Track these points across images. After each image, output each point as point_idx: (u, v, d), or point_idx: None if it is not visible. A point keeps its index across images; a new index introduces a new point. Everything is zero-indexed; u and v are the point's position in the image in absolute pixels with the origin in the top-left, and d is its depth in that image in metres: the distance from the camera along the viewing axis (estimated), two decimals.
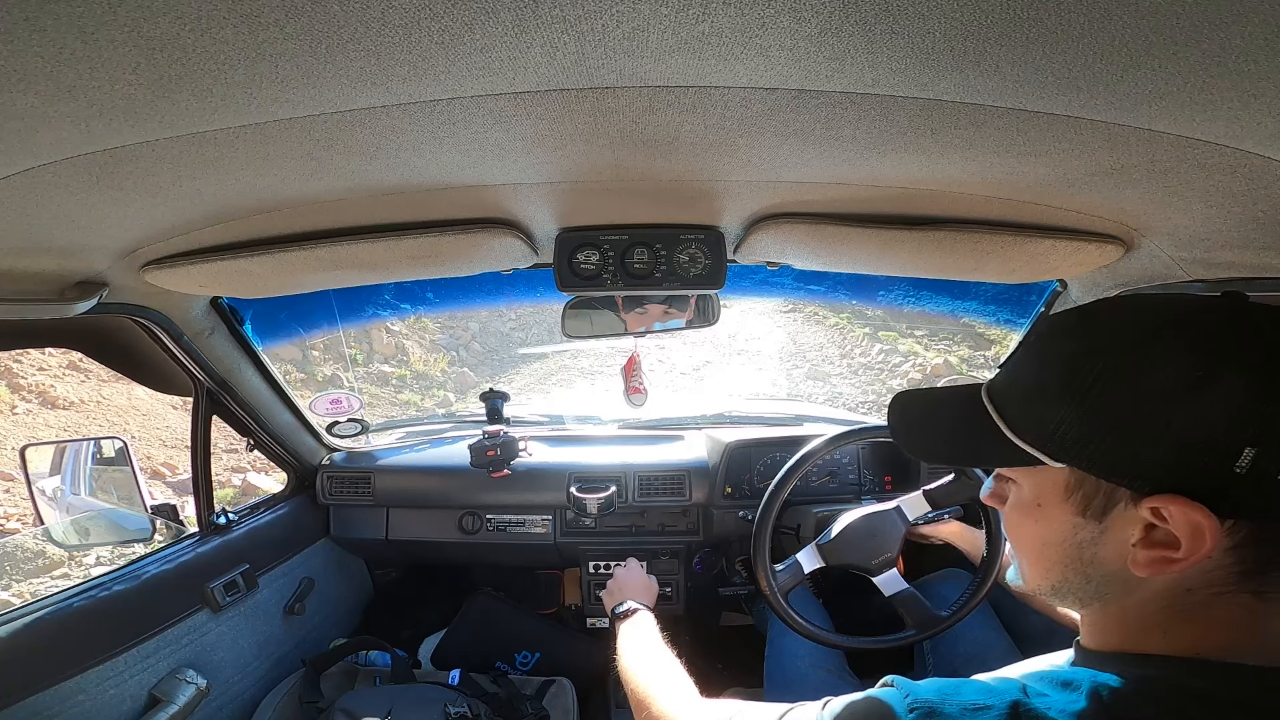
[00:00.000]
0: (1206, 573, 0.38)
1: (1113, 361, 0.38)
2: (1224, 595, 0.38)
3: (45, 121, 0.43)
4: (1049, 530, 0.44)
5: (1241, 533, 0.37)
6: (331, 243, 0.83)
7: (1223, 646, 0.38)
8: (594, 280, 0.97)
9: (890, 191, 0.72)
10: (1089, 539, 0.42)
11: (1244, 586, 0.38)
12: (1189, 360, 0.36)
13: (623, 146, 0.59)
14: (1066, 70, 0.39)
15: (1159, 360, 0.37)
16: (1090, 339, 0.41)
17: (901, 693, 0.44)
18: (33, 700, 0.92)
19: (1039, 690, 0.41)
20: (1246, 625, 0.38)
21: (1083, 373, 0.39)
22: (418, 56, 0.39)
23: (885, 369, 7.94)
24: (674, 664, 0.81)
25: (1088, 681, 0.40)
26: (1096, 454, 0.39)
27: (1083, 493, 0.41)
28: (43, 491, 1.74)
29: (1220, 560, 0.38)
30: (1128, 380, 0.38)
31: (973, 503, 1.13)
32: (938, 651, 1.22)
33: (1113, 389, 0.38)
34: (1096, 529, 0.41)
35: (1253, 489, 0.35)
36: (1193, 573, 0.38)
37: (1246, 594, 0.38)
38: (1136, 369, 0.38)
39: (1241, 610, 0.38)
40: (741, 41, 0.38)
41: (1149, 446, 0.37)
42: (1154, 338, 0.38)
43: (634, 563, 1.22)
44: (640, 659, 0.84)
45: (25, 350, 5.23)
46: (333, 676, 1.39)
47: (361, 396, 1.67)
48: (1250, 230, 0.64)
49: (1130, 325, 0.40)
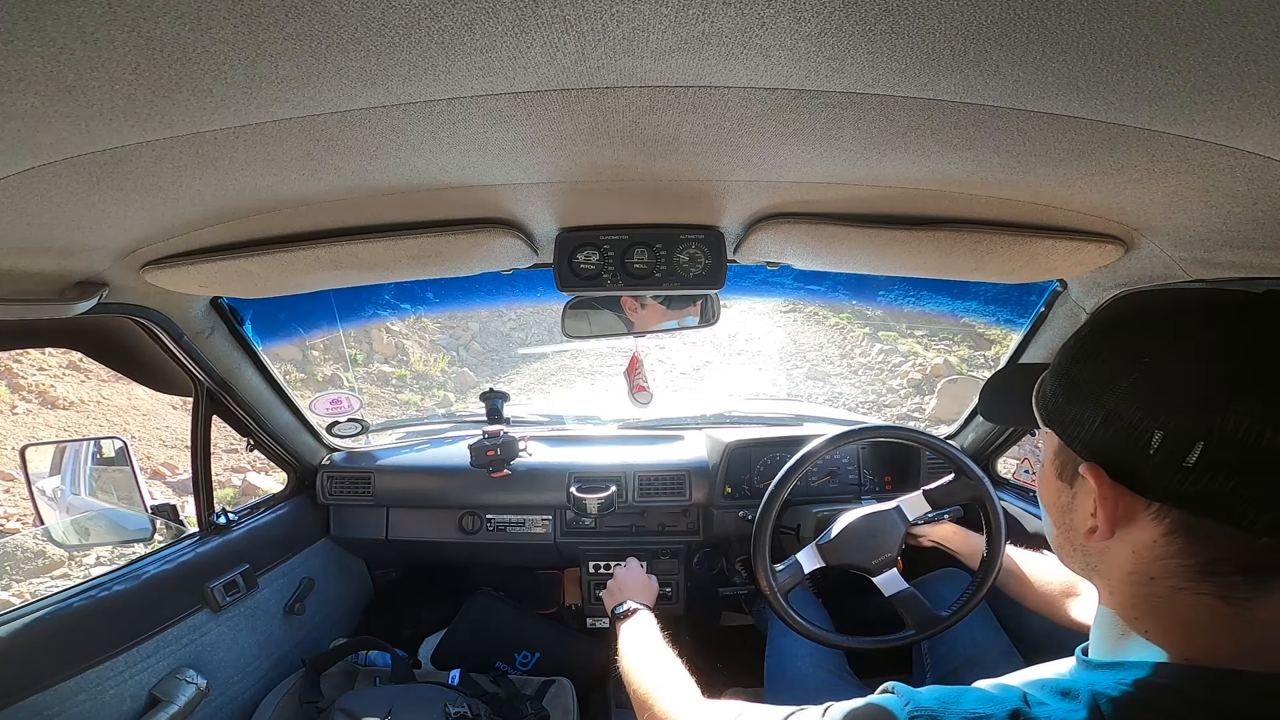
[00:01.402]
0: (1159, 560, 0.40)
1: (1088, 342, 0.44)
2: (1184, 592, 0.39)
3: (45, 121, 0.43)
4: (1046, 493, 0.49)
5: (1169, 518, 0.39)
6: (331, 243, 0.83)
7: (1212, 653, 0.38)
8: (594, 280, 0.97)
9: (890, 191, 0.72)
10: (1066, 504, 0.46)
11: (1203, 587, 0.39)
12: (1133, 346, 0.40)
13: (623, 146, 0.59)
14: (1066, 70, 0.39)
15: (1117, 342, 0.42)
16: (1090, 324, 0.46)
17: (902, 700, 0.45)
18: (33, 700, 0.92)
19: (1039, 699, 0.42)
20: (1223, 629, 0.39)
21: (1072, 350, 0.46)
22: (418, 56, 0.39)
23: (885, 369, 7.94)
24: (675, 664, 0.81)
25: (1086, 691, 0.40)
26: (1061, 419, 0.45)
27: (1062, 458, 0.46)
28: (43, 491, 1.74)
29: (1165, 549, 0.39)
30: (1090, 358, 0.43)
31: (972, 503, 1.13)
32: (936, 652, 1.22)
33: (1080, 364, 0.44)
34: (1069, 494, 0.46)
35: (1166, 472, 0.37)
36: (1146, 559, 0.40)
37: (1210, 596, 0.39)
38: (1099, 349, 0.43)
39: (1209, 613, 0.39)
40: (741, 41, 0.38)
41: (1088, 418, 0.42)
42: (1123, 323, 0.43)
43: (634, 562, 1.22)
44: (642, 659, 0.84)
45: (25, 350, 5.23)
46: (333, 676, 1.39)
47: (361, 396, 1.67)
48: (1250, 230, 0.64)
49: (1116, 311, 0.44)
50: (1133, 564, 0.42)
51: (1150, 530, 0.40)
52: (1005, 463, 1.62)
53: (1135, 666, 0.40)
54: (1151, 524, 0.40)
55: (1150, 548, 0.40)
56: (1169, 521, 0.39)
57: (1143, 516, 0.40)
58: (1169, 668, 0.39)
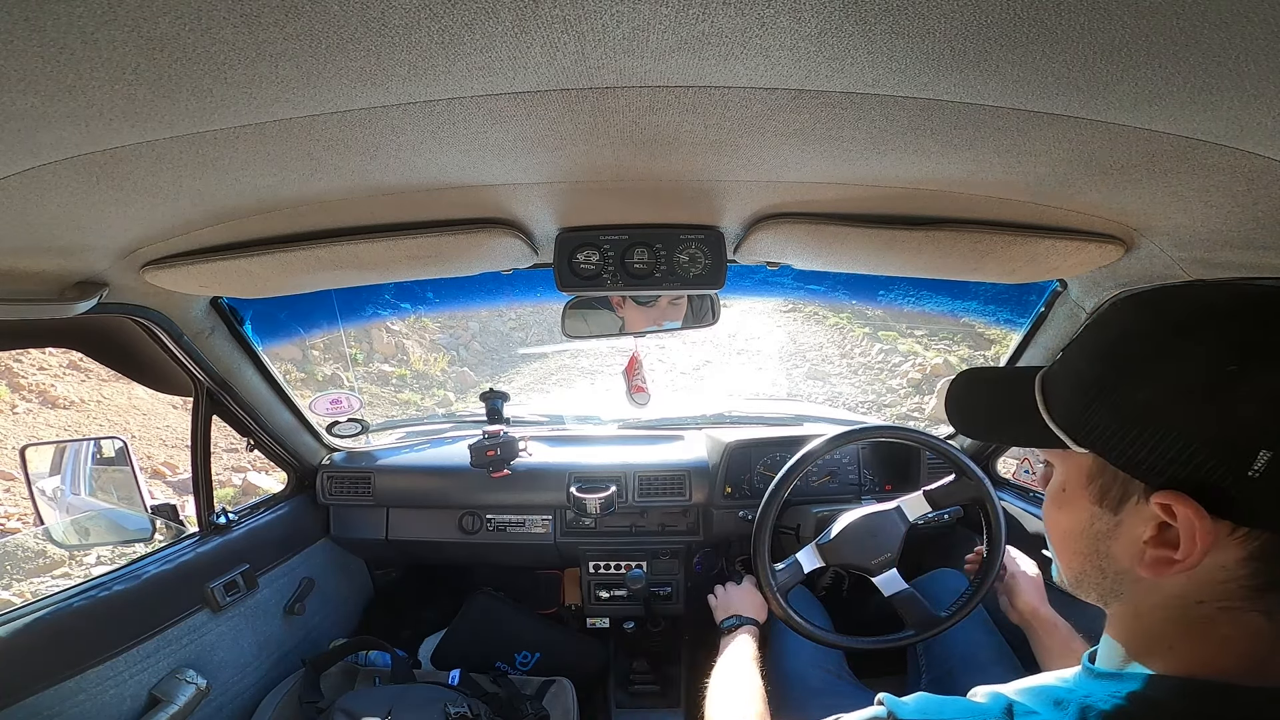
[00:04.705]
0: (1219, 584, 0.37)
1: (1144, 353, 0.38)
2: (1232, 611, 0.37)
3: (45, 121, 0.43)
4: (1070, 518, 0.44)
5: (1256, 543, 0.35)
6: (331, 243, 0.83)
7: (1222, 668, 0.37)
8: (594, 280, 0.97)
9: (890, 191, 0.72)
10: (1104, 530, 0.41)
11: (1255, 605, 0.37)
12: (1218, 356, 0.35)
13: (623, 146, 0.59)
14: (1066, 70, 0.39)
15: (1188, 355, 0.36)
16: (1130, 329, 0.40)
17: (885, 711, 0.46)
18: (33, 700, 0.92)
19: (1027, 709, 0.42)
20: (1251, 647, 0.37)
21: (1116, 362, 0.39)
22: (418, 56, 0.39)
23: (885, 369, 7.95)
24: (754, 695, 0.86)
25: (1077, 702, 0.40)
26: (1114, 442, 0.38)
27: (1102, 481, 0.41)
28: (43, 491, 1.74)
29: (1234, 572, 0.36)
30: (1155, 372, 0.37)
31: (972, 503, 1.13)
32: (931, 653, 1.22)
33: (1140, 380, 0.37)
34: (1112, 521, 0.41)
35: (1266, 495, 0.34)
36: (1205, 583, 0.37)
37: (1257, 613, 0.37)
38: (1165, 362, 0.37)
39: (1247, 630, 0.37)
40: (741, 41, 0.38)
41: (1165, 441, 0.36)
42: (1187, 331, 0.37)
43: (748, 582, 1.20)
44: (727, 682, 0.91)
45: (25, 350, 5.23)
46: (333, 676, 1.39)
47: (361, 396, 1.67)
48: (1250, 230, 0.64)
49: (1167, 316, 0.38)
50: (1185, 589, 0.38)
51: (1226, 555, 0.36)
52: (1005, 463, 1.62)
53: (1132, 679, 0.40)
54: (1233, 548, 0.36)
55: (1218, 571, 0.37)
56: (1256, 546, 0.35)
57: (1225, 542, 0.36)
58: (1172, 682, 0.38)
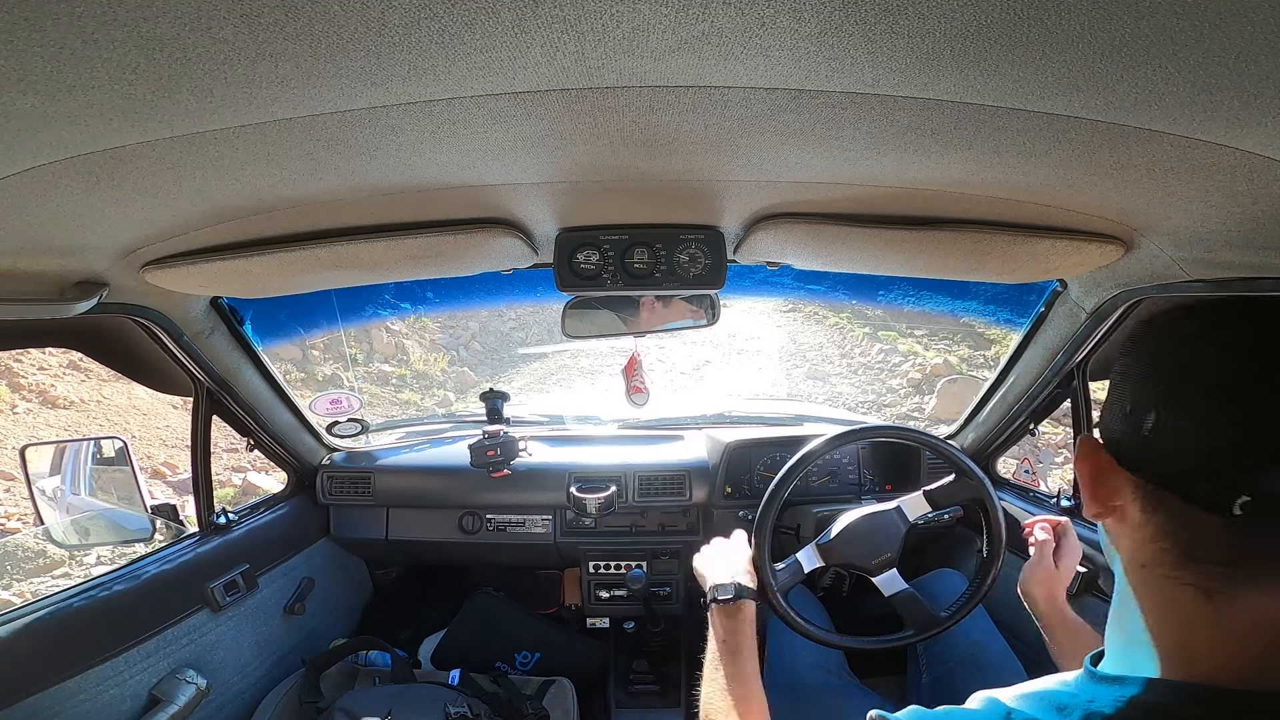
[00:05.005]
0: (1145, 543, 0.41)
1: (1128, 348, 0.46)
2: (1170, 580, 0.39)
3: (45, 121, 0.43)
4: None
5: (1145, 492, 0.40)
6: (331, 243, 0.83)
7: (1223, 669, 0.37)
8: (594, 280, 0.97)
9: (890, 191, 0.72)
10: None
11: (1184, 576, 0.38)
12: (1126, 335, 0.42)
13: (623, 146, 0.59)
14: (1066, 70, 0.39)
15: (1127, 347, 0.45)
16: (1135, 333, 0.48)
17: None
18: (33, 700, 0.92)
19: (1027, 716, 0.42)
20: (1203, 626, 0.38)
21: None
22: (418, 56, 0.39)
23: (885, 369, 7.94)
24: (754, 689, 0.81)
25: (1081, 708, 0.40)
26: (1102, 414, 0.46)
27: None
28: (43, 491, 1.74)
29: (1147, 531, 0.40)
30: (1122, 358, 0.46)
31: (972, 503, 1.13)
32: (931, 652, 1.22)
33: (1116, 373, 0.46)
34: None
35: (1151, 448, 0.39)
36: (1141, 543, 0.41)
37: (1190, 586, 0.38)
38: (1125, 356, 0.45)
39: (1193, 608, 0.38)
40: (741, 41, 0.38)
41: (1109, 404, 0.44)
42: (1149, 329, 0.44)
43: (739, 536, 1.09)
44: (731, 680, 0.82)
45: (25, 350, 5.23)
46: (333, 676, 1.39)
47: (361, 396, 1.67)
48: (1250, 230, 0.64)
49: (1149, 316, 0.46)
50: (1132, 551, 0.42)
51: (1147, 522, 0.40)
52: (1005, 463, 1.62)
53: (1135, 683, 0.40)
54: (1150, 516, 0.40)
55: (1148, 538, 0.40)
56: (1146, 496, 0.40)
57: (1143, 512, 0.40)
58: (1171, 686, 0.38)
